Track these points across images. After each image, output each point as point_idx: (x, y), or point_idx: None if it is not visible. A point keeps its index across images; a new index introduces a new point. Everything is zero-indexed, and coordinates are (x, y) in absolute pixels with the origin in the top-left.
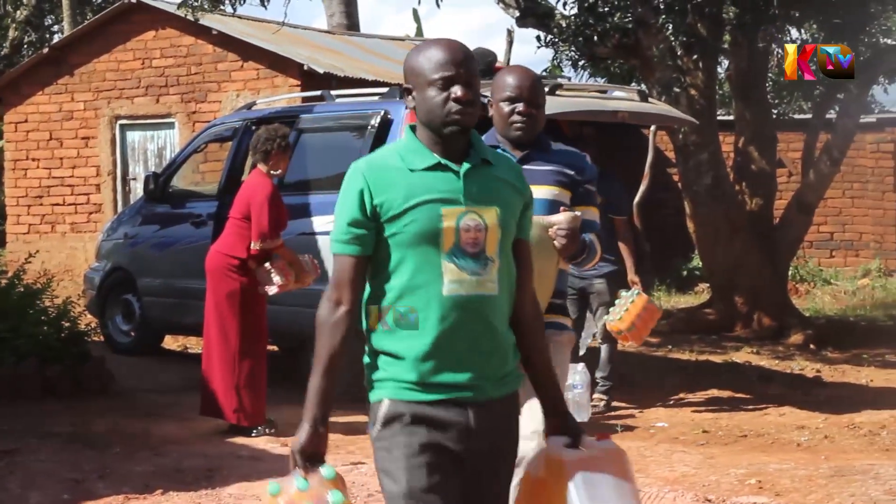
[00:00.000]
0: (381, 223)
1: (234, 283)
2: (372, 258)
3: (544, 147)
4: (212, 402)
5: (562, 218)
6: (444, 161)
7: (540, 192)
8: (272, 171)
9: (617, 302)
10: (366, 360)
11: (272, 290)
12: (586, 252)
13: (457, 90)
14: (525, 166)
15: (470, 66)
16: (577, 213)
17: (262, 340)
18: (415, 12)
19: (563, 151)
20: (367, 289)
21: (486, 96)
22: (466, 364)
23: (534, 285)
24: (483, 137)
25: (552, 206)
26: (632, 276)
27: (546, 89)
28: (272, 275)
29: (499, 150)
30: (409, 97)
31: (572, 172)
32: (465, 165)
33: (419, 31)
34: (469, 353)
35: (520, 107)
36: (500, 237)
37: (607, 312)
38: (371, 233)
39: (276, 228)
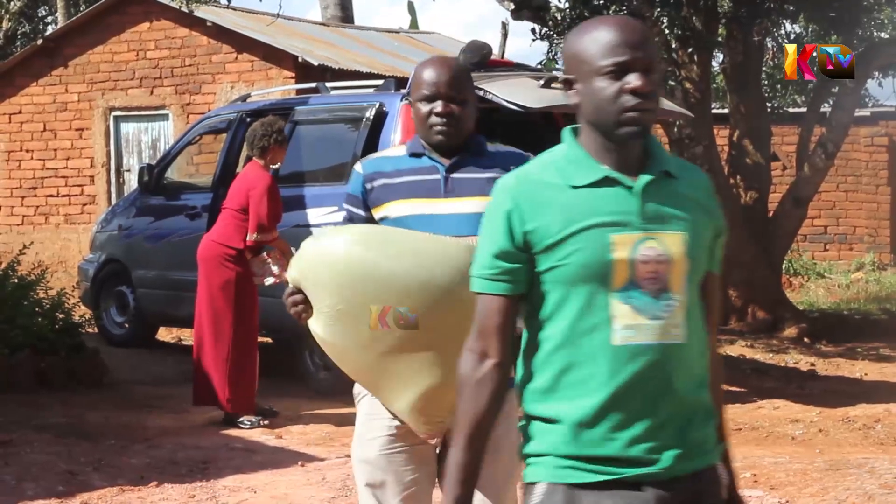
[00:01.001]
0: (534, 255)
1: (228, 272)
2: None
3: (477, 150)
4: (205, 390)
5: None
6: (614, 174)
7: (472, 205)
8: (270, 165)
9: None
10: (519, 424)
11: (269, 280)
12: None
13: (633, 79)
14: (454, 175)
15: (648, 49)
16: None
17: (253, 331)
18: (410, 5)
19: (503, 154)
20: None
21: (481, 89)
22: (645, 432)
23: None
24: (407, 144)
25: None
26: None
27: (541, 82)
28: (270, 265)
29: (425, 157)
30: (572, 90)
31: None
32: (643, 179)
33: (414, 24)
34: (648, 417)
35: (437, 106)
36: (687, 270)
37: None
38: (524, 267)
39: (273, 221)
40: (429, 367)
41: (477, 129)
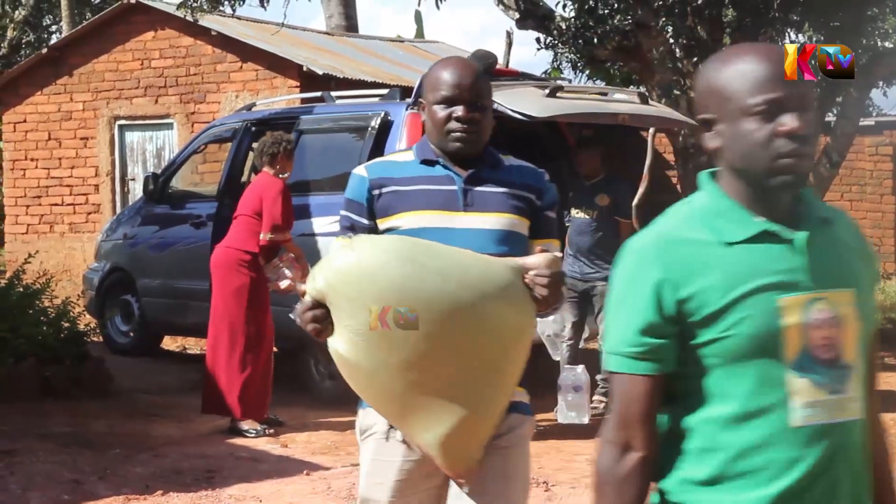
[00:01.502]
0: (690, 326)
1: (243, 277)
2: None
3: (494, 162)
4: (215, 399)
5: (540, 260)
6: (773, 227)
7: (492, 220)
8: (280, 175)
9: None
10: None
11: (284, 283)
12: (559, 301)
13: (788, 120)
14: (474, 188)
15: (803, 83)
16: (558, 254)
17: (269, 337)
18: (417, 14)
19: (519, 168)
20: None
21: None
22: None
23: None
24: (413, 148)
25: (509, 239)
26: None
27: (546, 92)
28: (283, 269)
29: (439, 166)
30: (711, 132)
31: (531, 196)
32: (803, 230)
33: (419, 33)
34: None
35: (459, 111)
36: (859, 332)
37: None
38: (674, 342)
39: (287, 222)
40: (463, 397)
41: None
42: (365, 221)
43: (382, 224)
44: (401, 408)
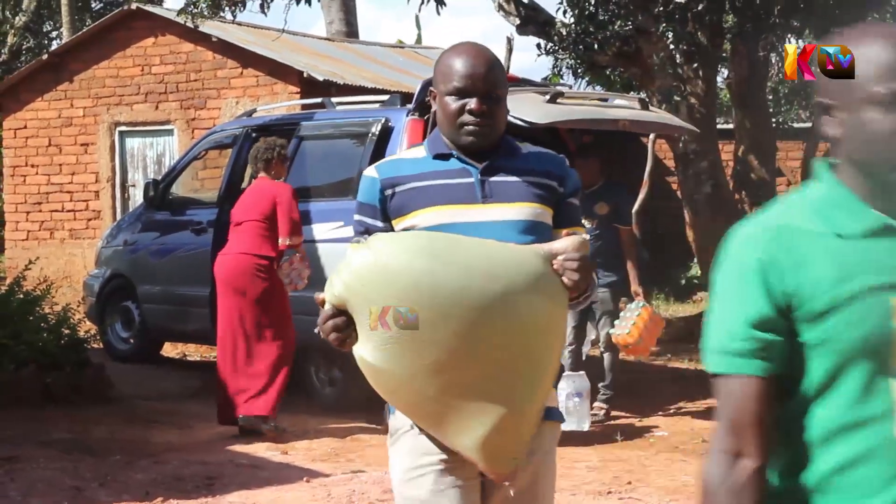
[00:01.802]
0: (795, 321)
1: (265, 283)
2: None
3: (511, 150)
4: (231, 408)
5: (567, 244)
6: (893, 223)
7: (514, 211)
8: (276, 179)
9: (622, 314)
10: None
11: (302, 284)
12: (591, 288)
13: None
14: (491, 178)
15: None
16: (585, 237)
17: (293, 337)
18: (417, 19)
19: (538, 155)
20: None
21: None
22: None
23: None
24: (425, 143)
25: (534, 229)
26: (635, 286)
27: (546, 97)
28: (298, 270)
29: (453, 159)
30: (831, 119)
31: (553, 183)
32: None
33: (419, 39)
34: None
35: (472, 103)
36: None
37: (611, 322)
38: (785, 338)
39: (301, 225)
40: (500, 395)
41: None
42: (380, 224)
43: (398, 224)
44: (436, 413)
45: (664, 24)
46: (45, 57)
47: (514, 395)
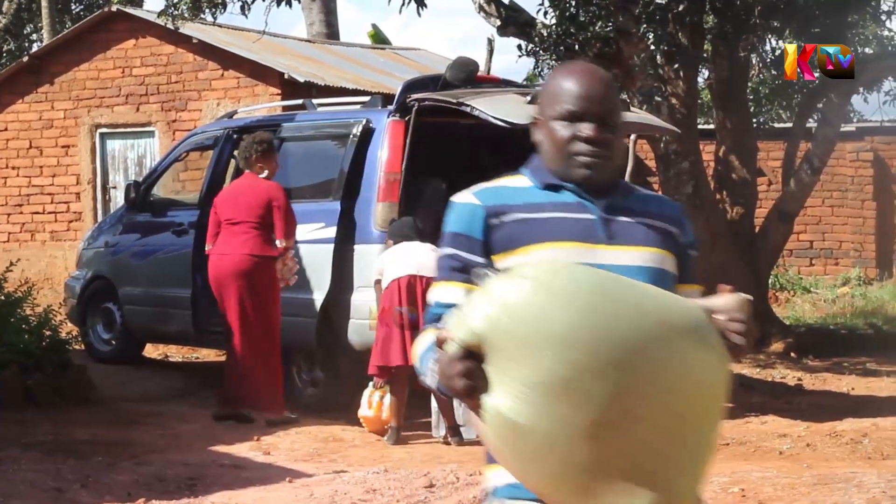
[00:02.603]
0: None
1: (274, 282)
2: None
3: (626, 189)
4: (250, 398)
5: (731, 302)
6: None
7: (641, 256)
8: (259, 175)
9: None
10: None
11: (293, 280)
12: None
13: None
14: (616, 218)
15: None
16: (749, 297)
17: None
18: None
19: (655, 198)
20: None
21: (467, 105)
22: None
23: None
24: (525, 172)
25: (662, 279)
26: None
27: (528, 98)
28: (292, 266)
29: (566, 192)
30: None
31: (674, 230)
32: None
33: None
34: None
35: (586, 129)
36: None
37: None
38: None
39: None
40: (661, 469)
41: (469, 148)
42: (479, 259)
43: (502, 260)
44: (583, 487)
45: (645, 25)
46: (25, 59)
47: (674, 472)
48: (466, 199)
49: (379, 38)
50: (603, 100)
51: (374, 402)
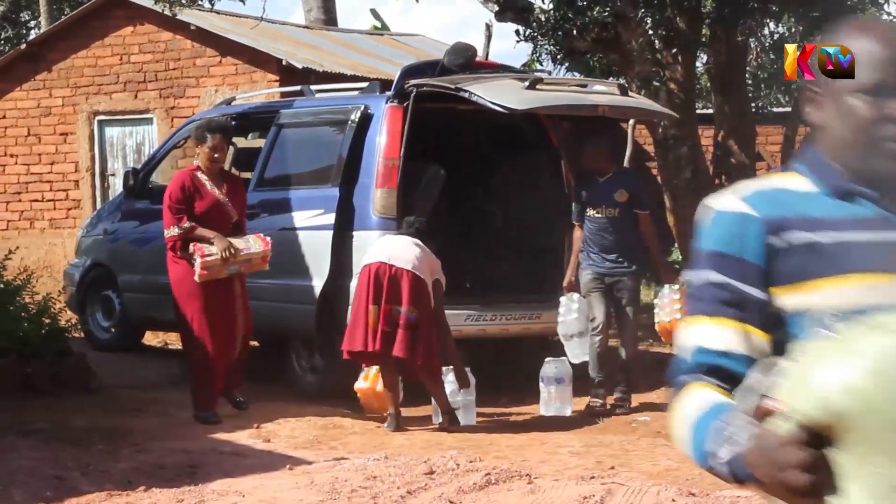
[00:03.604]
0: None
1: (178, 276)
2: None
3: None
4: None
5: None
6: None
7: None
8: (194, 162)
9: (658, 301)
10: None
11: (245, 268)
12: None
13: None
14: None
15: None
16: None
17: None
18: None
19: None
20: None
21: (465, 91)
22: None
23: None
24: (801, 168)
25: None
26: (665, 272)
27: (526, 84)
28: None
29: (862, 200)
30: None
31: None
32: None
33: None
34: None
35: None
36: None
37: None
38: None
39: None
40: None
41: (463, 133)
42: (757, 294)
43: (787, 297)
44: None
45: (643, 10)
46: (23, 47)
47: None
48: (733, 205)
49: (377, 18)
50: None
51: (371, 374)
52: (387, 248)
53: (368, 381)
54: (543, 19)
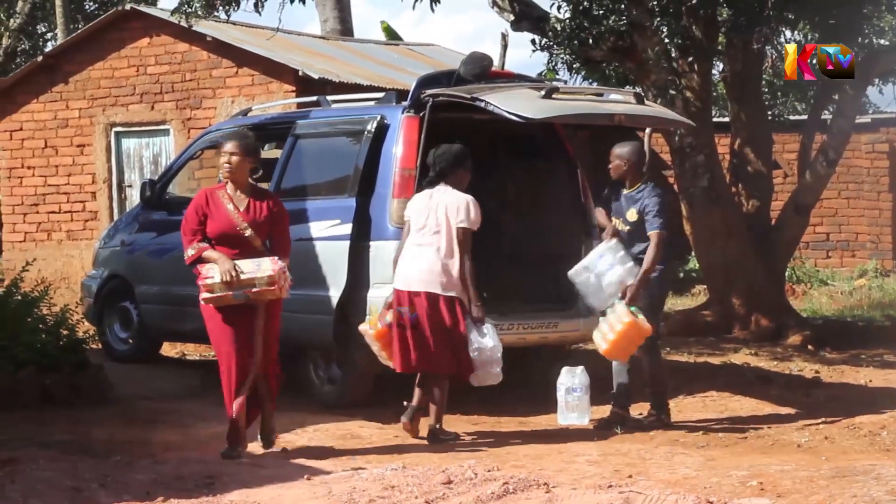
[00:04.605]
0: None
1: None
2: None
3: None
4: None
5: None
6: None
7: None
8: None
9: (604, 319)
10: None
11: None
12: None
13: None
14: None
15: None
16: None
17: None
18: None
19: None
20: None
21: (481, 100)
22: None
23: None
24: None
25: None
26: (632, 291)
27: (542, 93)
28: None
29: None
30: None
31: None
32: None
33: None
34: None
35: None
36: None
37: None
38: None
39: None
40: None
41: (479, 143)
42: None
43: None
44: None
45: (658, 19)
46: (39, 59)
47: None
48: None
49: (390, 34)
50: None
51: (373, 317)
52: (403, 269)
53: (369, 323)
54: (559, 29)
